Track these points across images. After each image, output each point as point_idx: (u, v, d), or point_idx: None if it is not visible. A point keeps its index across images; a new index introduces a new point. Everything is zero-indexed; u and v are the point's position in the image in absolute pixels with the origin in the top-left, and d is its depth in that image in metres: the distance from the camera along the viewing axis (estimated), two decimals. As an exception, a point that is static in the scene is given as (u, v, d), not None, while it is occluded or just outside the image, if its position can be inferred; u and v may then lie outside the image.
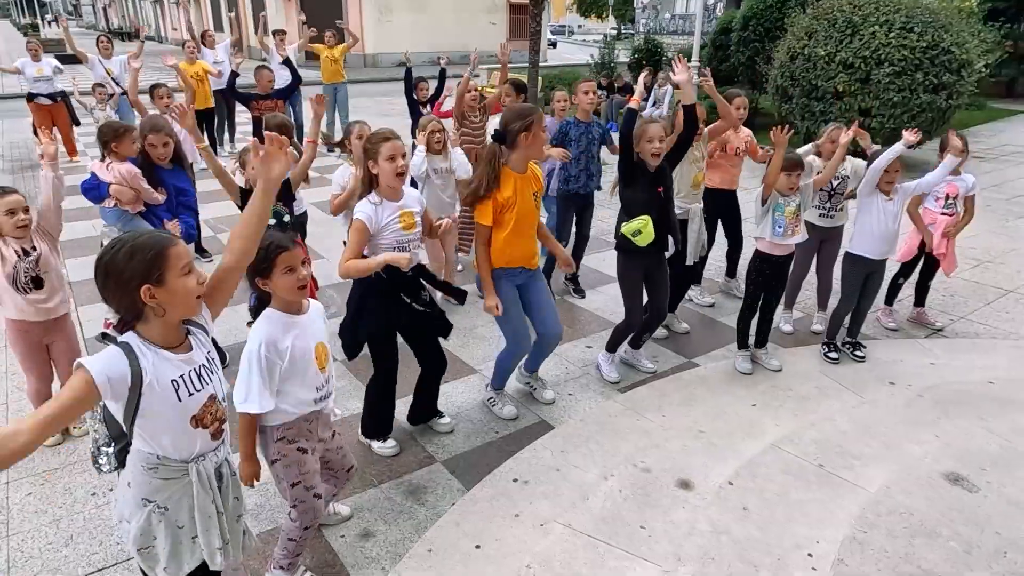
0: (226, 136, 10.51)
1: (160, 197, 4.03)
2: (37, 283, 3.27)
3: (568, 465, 3.24)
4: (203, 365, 1.83)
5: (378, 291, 3.13)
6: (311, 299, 2.50)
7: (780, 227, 3.87)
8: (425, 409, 3.64)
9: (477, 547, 2.73)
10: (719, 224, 5.13)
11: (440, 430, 3.62)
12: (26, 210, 3.17)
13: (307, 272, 2.33)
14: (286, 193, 3.86)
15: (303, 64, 10.67)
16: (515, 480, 3.14)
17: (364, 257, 3.05)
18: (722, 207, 4.99)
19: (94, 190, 3.91)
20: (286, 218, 3.67)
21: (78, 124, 9.78)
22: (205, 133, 9.69)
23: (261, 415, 2.33)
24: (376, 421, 3.44)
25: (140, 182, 3.99)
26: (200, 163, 9.28)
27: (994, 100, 15.49)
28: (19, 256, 3.19)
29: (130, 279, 1.67)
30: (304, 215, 4.87)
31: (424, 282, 3.32)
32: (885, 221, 4.02)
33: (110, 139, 3.98)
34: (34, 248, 3.25)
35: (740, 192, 5.14)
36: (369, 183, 3.10)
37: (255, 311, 2.41)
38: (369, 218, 3.02)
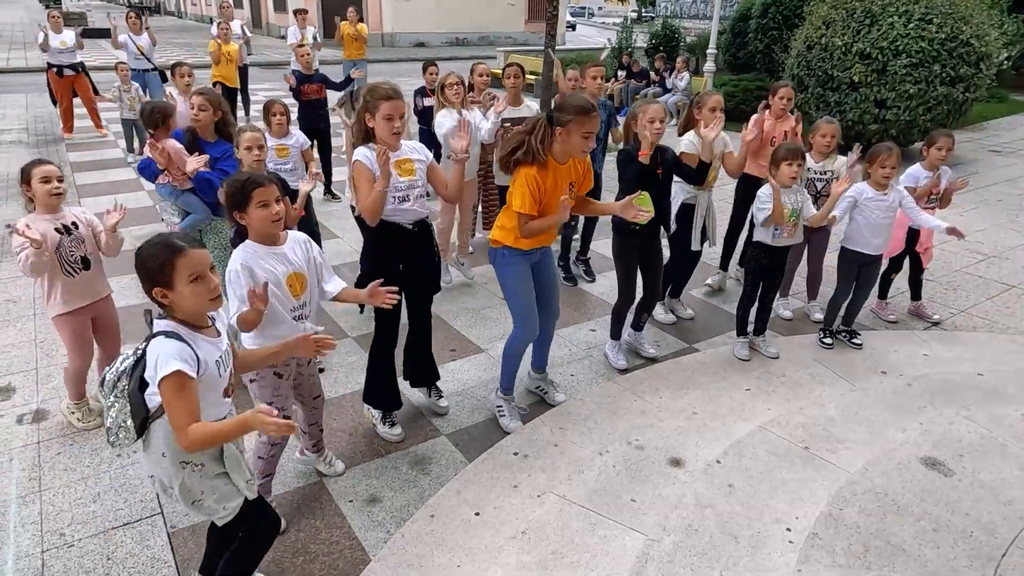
0: (240, 112, 10.70)
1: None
2: (86, 263, 3.34)
3: (566, 441, 3.40)
4: (228, 342, 2.08)
5: (384, 245, 3.20)
6: (291, 231, 2.71)
7: (777, 229, 3.98)
8: (421, 371, 3.67)
9: (477, 514, 2.90)
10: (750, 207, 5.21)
11: (439, 411, 3.73)
12: (60, 179, 3.22)
13: (280, 208, 2.52)
14: (284, 188, 4.03)
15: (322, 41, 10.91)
16: (515, 454, 3.31)
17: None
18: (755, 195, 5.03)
19: (147, 168, 4.10)
20: None
21: (98, 93, 9.99)
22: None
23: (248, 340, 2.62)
24: (376, 390, 3.48)
25: (181, 155, 4.16)
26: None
27: (1016, 93, 15.29)
28: (61, 233, 3.23)
29: (145, 280, 1.92)
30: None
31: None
32: (879, 216, 4.11)
33: (160, 121, 4.14)
34: (75, 225, 3.29)
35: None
36: (365, 136, 3.09)
37: (234, 243, 2.62)
38: (367, 158, 3.03)
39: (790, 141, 4.54)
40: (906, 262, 4.86)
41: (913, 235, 4.67)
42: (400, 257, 3.25)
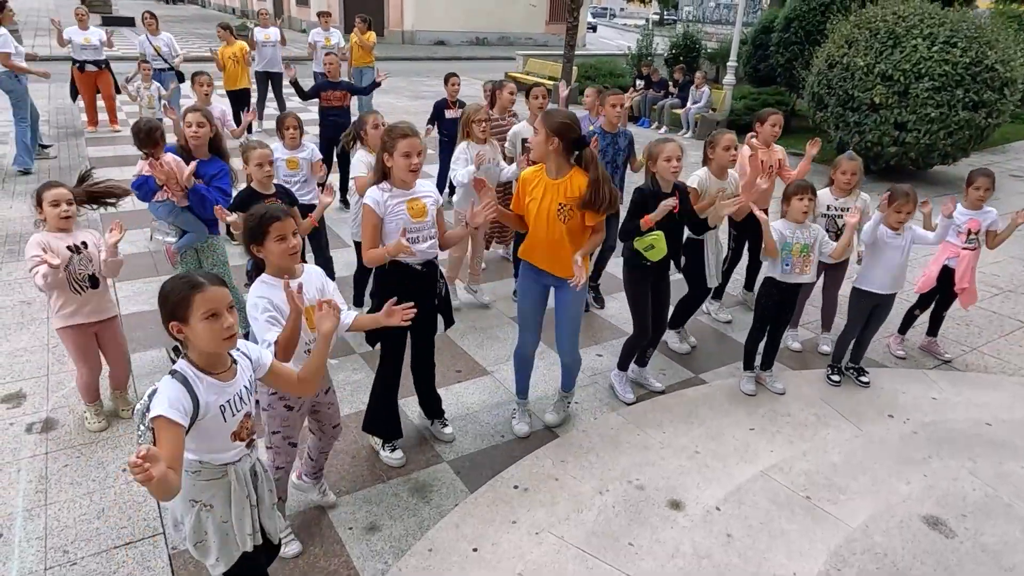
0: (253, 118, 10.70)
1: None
2: (94, 282, 3.43)
3: (567, 475, 3.41)
4: (244, 387, 2.08)
5: (392, 284, 3.23)
6: (305, 264, 2.75)
7: (787, 264, 3.95)
8: (426, 404, 3.72)
9: (475, 550, 2.91)
10: (746, 240, 5.20)
11: (442, 438, 3.73)
12: (69, 202, 3.31)
13: (297, 241, 2.57)
14: (291, 200, 4.09)
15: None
16: (515, 487, 3.31)
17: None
18: (751, 225, 4.89)
19: (143, 186, 4.13)
20: None
21: (119, 92, 10.09)
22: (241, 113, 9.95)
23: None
24: (377, 419, 3.51)
25: (181, 168, 4.21)
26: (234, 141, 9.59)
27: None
28: (72, 251, 3.34)
29: (164, 315, 1.96)
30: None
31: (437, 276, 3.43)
32: (893, 256, 4.08)
33: (147, 143, 4.20)
34: (85, 245, 3.38)
35: (772, 212, 5.17)
36: (382, 174, 3.16)
37: (251, 275, 2.67)
38: (376, 202, 3.11)
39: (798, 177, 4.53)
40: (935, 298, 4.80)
41: (947, 273, 4.60)
42: (407, 297, 3.26)
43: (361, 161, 4.63)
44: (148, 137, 4.22)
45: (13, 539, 2.94)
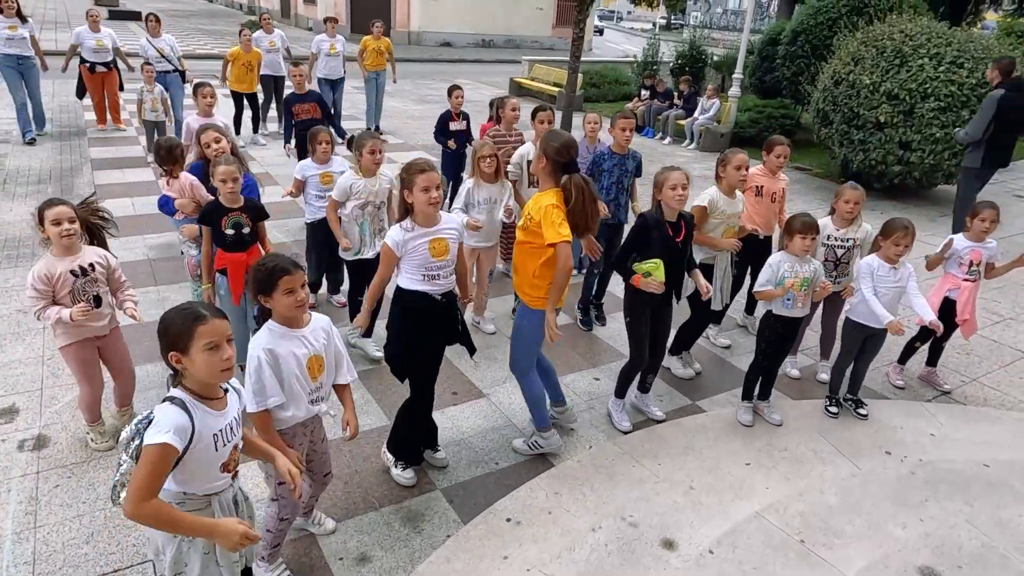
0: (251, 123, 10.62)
1: None
2: (97, 301, 3.39)
3: (560, 508, 3.38)
4: (235, 418, 2.14)
5: (414, 315, 3.27)
6: (314, 313, 2.73)
7: (789, 299, 3.93)
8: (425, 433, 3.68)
9: (465, 587, 2.89)
10: (748, 265, 5.17)
11: (435, 463, 3.71)
12: (71, 220, 3.23)
13: (305, 294, 2.55)
14: (257, 214, 4.07)
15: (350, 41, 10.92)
16: (508, 520, 3.29)
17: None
18: (754, 251, 4.86)
19: (167, 206, 4.19)
20: (245, 230, 3.97)
21: (122, 89, 10.12)
22: (249, 110, 9.97)
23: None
24: (400, 443, 3.53)
25: (200, 191, 4.23)
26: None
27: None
28: (75, 275, 3.27)
29: (164, 345, 2.01)
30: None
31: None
32: (886, 290, 4.06)
33: (167, 160, 4.21)
34: (92, 267, 3.33)
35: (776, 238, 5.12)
36: (405, 210, 3.23)
37: (259, 320, 2.65)
38: (396, 243, 3.17)
39: (803, 213, 4.50)
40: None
41: (948, 305, 4.57)
42: (427, 328, 3.31)
43: (340, 186, 4.50)
44: (169, 155, 4.25)
45: (0, 564, 2.92)
